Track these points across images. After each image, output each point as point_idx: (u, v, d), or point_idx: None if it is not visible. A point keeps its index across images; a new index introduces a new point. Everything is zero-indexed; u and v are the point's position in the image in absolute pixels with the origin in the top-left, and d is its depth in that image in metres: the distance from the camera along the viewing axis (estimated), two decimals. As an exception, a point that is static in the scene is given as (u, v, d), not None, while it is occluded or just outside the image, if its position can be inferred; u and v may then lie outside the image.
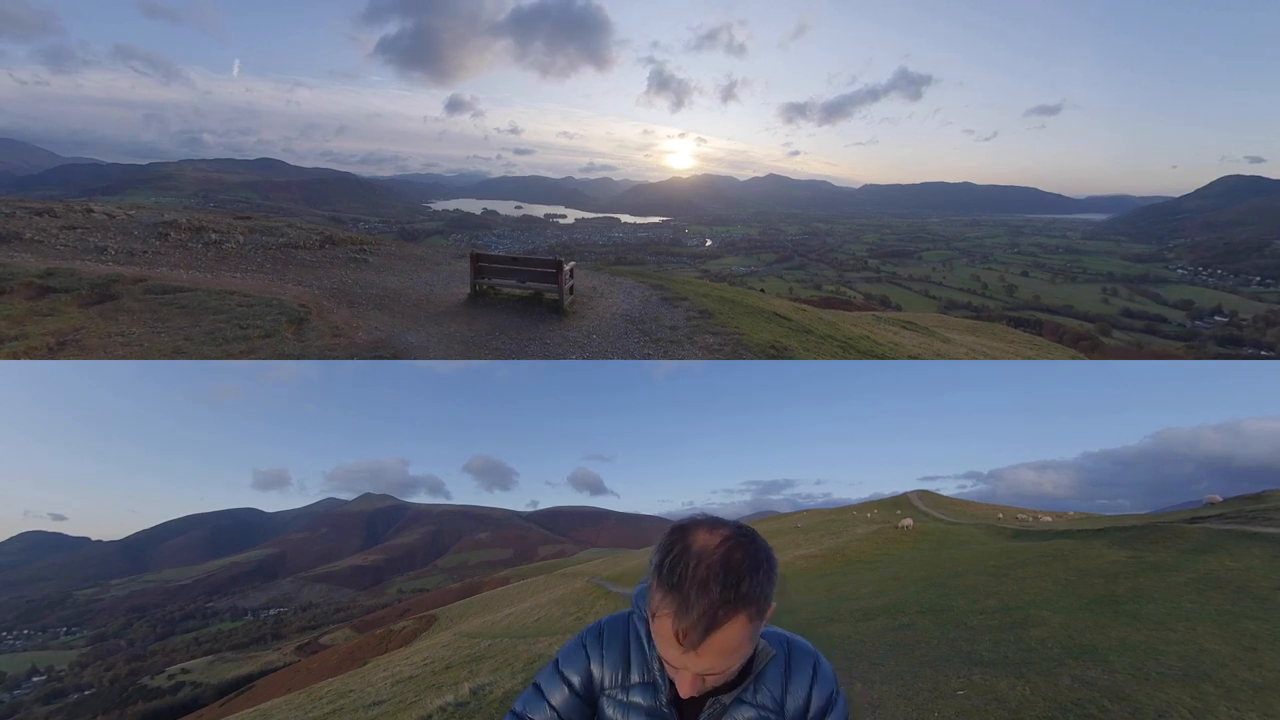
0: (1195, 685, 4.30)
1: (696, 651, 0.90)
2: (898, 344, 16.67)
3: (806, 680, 1.10)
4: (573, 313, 11.00)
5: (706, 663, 0.92)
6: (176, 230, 14.10)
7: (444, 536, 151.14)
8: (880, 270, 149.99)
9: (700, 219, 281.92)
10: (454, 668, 12.01)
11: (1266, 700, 3.99)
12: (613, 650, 1.15)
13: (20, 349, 7.05)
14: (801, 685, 1.10)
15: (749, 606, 0.90)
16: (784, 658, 1.12)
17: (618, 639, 1.16)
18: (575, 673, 1.16)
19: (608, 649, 1.16)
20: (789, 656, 1.13)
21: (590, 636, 1.19)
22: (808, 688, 1.10)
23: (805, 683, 1.10)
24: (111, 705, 48.13)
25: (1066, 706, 4.16)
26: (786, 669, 1.11)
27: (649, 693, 1.11)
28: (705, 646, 0.90)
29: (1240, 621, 5.71)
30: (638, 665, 1.13)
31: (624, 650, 1.15)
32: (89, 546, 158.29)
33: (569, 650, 1.19)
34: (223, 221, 15.96)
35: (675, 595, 0.90)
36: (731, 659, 0.93)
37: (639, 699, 1.11)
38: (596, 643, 1.17)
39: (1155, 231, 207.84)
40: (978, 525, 23.44)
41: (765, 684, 1.09)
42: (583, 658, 1.17)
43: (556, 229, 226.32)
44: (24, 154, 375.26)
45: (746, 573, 0.90)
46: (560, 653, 1.20)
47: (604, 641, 1.17)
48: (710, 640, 0.89)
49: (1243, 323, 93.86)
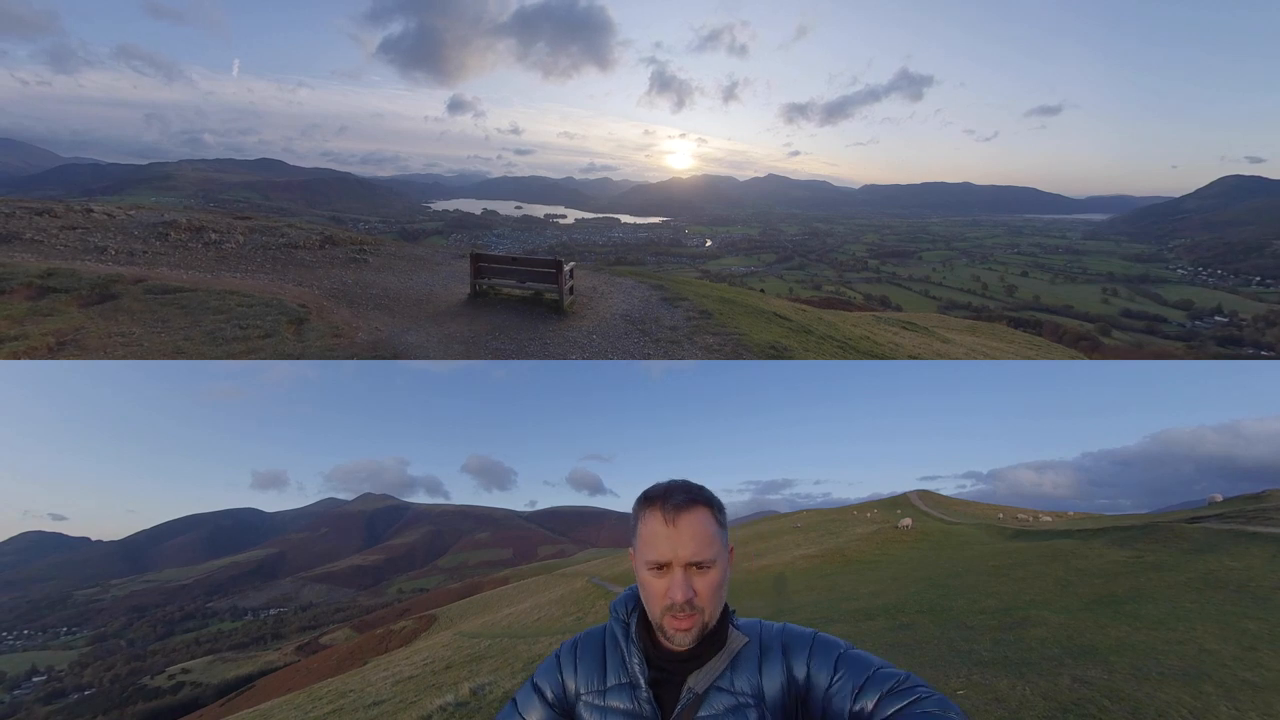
0: (1195, 685, 4.30)
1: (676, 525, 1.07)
2: (898, 344, 16.67)
3: (779, 658, 1.12)
4: (573, 313, 11.00)
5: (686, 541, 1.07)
6: (176, 230, 14.10)
7: (444, 536, 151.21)
8: (880, 270, 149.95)
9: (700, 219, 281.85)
10: (454, 668, 12.01)
11: (1266, 700, 3.98)
12: (587, 660, 1.20)
13: (20, 349, 7.04)
14: (776, 664, 1.12)
15: (711, 505, 1.12)
16: (757, 643, 1.16)
17: (593, 648, 1.22)
18: (549, 686, 1.20)
19: (582, 659, 1.21)
20: (760, 640, 1.16)
21: (565, 650, 1.24)
22: (782, 666, 1.12)
23: (778, 662, 1.12)
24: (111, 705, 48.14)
25: (1066, 706, 4.16)
26: (760, 653, 1.14)
27: (626, 693, 1.14)
28: (682, 520, 1.08)
29: (1240, 621, 5.71)
30: (614, 669, 1.17)
31: (599, 658, 1.20)
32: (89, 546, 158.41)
33: (544, 666, 1.24)
34: (223, 221, 15.96)
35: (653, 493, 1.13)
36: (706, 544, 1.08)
37: (616, 701, 1.14)
38: (570, 655, 1.22)
39: (1155, 231, 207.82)
40: (978, 525, 23.44)
41: (742, 671, 1.12)
42: (556, 671, 1.22)
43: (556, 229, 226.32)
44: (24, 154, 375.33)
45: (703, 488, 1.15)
46: (537, 669, 1.24)
47: (578, 653, 1.22)
48: (685, 515, 1.08)
49: (1243, 323, 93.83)
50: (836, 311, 25.53)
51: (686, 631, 1.08)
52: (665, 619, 1.09)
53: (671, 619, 1.08)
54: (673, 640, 1.10)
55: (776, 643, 1.15)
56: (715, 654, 1.13)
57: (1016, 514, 30.55)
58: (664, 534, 1.08)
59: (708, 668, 1.12)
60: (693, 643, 1.10)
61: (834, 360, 11.49)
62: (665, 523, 1.09)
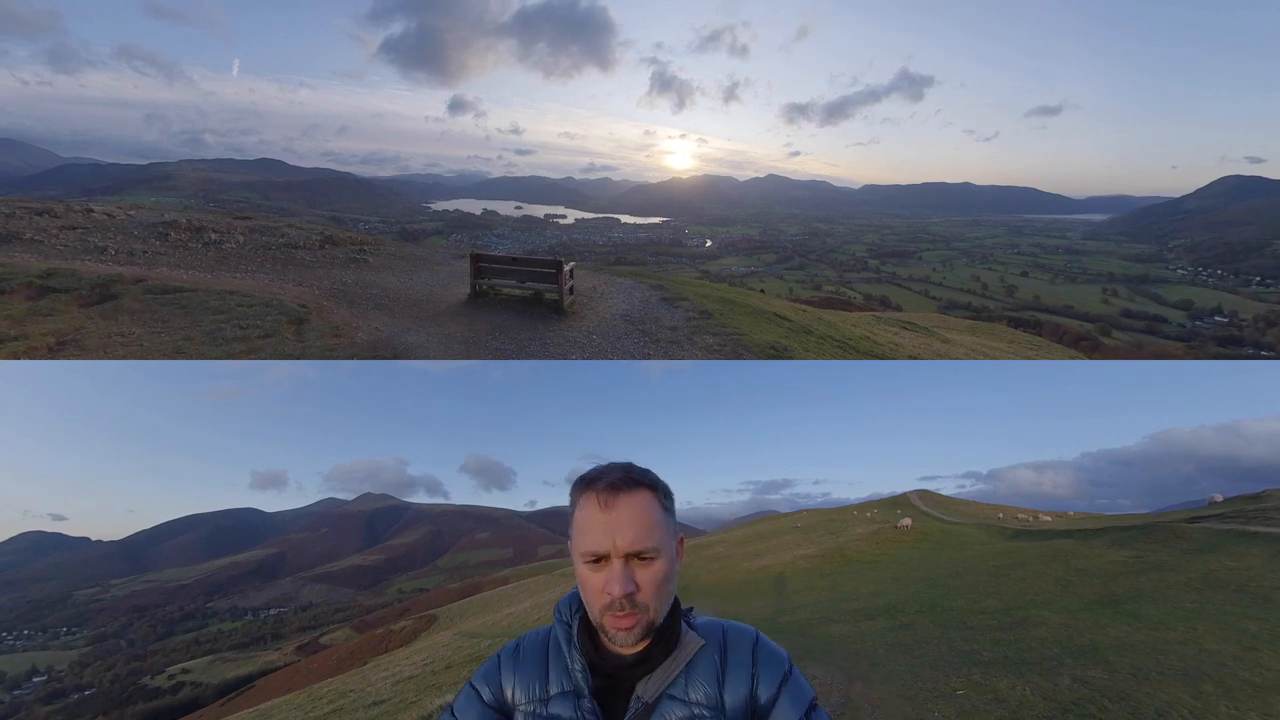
0: (1195, 685, 4.30)
1: (613, 510, 0.96)
2: (898, 344, 16.67)
3: (746, 669, 1.01)
4: (573, 313, 11.00)
5: (625, 526, 0.96)
6: (176, 230, 14.10)
7: (444, 536, 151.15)
8: (880, 270, 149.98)
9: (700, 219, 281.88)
10: (454, 668, 12.00)
11: (1266, 700, 3.98)
12: (528, 665, 1.09)
13: (20, 349, 7.04)
14: (742, 676, 1.01)
15: (654, 488, 1.01)
16: (718, 647, 1.04)
17: (535, 653, 1.10)
18: (489, 689, 1.09)
19: (521, 665, 1.09)
20: (724, 645, 1.04)
21: (506, 653, 1.13)
22: (748, 678, 1.01)
23: (745, 672, 1.01)
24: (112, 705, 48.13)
25: (1066, 706, 4.16)
26: (722, 659, 1.03)
27: (570, 702, 1.02)
28: (619, 504, 0.97)
29: (1240, 621, 5.71)
30: (557, 675, 1.06)
31: (541, 663, 1.08)
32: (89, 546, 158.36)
33: (485, 668, 1.12)
34: (223, 221, 15.96)
35: (589, 475, 1.02)
36: (647, 532, 0.97)
37: (559, 710, 1.02)
38: (511, 659, 1.11)
39: (1155, 232, 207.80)
40: (978, 525, 23.42)
41: (698, 678, 1.00)
42: (496, 674, 1.10)
43: (556, 229, 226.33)
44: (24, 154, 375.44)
45: (647, 470, 1.05)
46: (477, 671, 1.13)
47: (519, 657, 1.10)
48: (622, 498, 0.97)
49: (1243, 323, 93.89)
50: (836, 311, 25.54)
51: (629, 631, 0.96)
52: (605, 617, 0.97)
53: (612, 617, 0.96)
54: (615, 640, 0.99)
55: (746, 654, 1.03)
56: (666, 657, 1.01)
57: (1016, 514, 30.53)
58: (599, 520, 0.96)
59: (659, 673, 1.00)
60: (636, 642, 0.98)
61: (834, 360, 11.49)
62: (601, 507, 0.97)
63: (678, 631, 1.04)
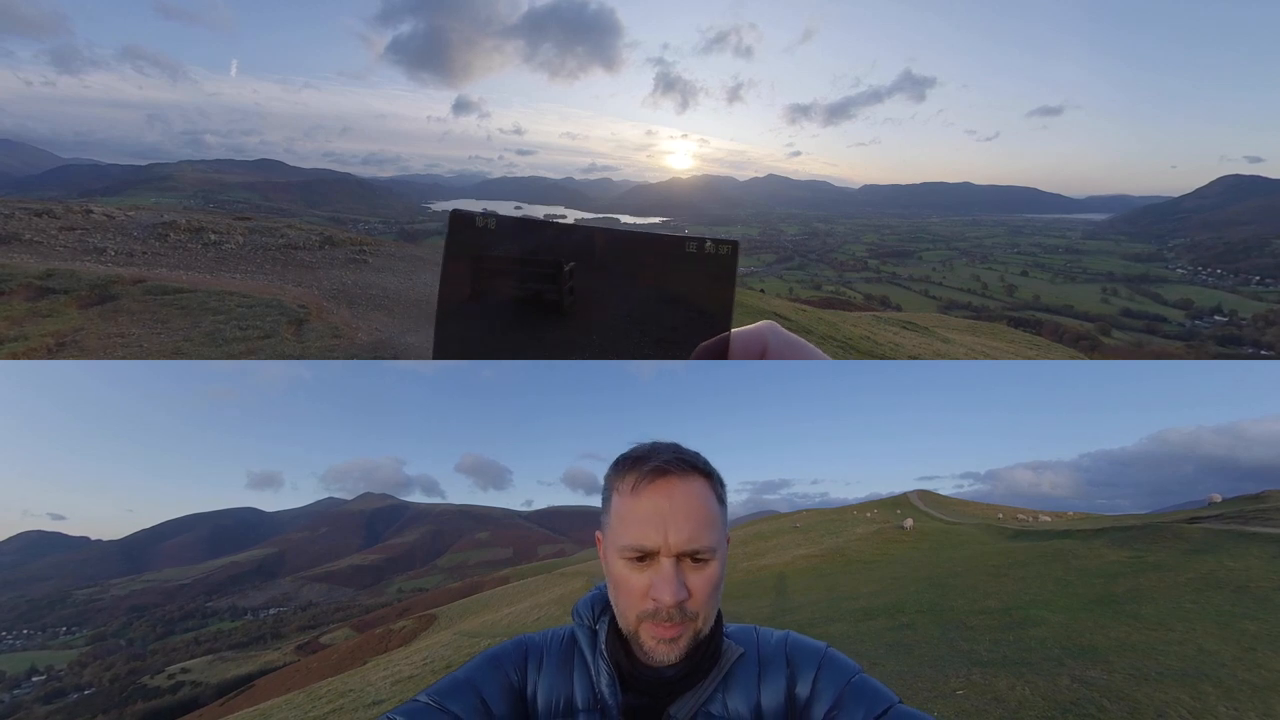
0: (1194, 685, 4.30)
1: (667, 496, 0.78)
2: (898, 344, 16.68)
3: (781, 675, 0.86)
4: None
5: (680, 520, 0.77)
6: (176, 231, 14.10)
7: (444, 536, 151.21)
8: (880, 270, 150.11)
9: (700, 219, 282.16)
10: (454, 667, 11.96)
11: (1266, 700, 3.99)
12: (553, 669, 0.90)
13: (20, 349, 7.05)
14: (778, 682, 0.86)
15: (709, 475, 0.83)
16: (754, 656, 0.88)
17: (560, 657, 0.91)
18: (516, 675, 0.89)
19: (548, 667, 0.90)
20: (759, 653, 0.89)
21: (533, 648, 0.93)
22: (785, 684, 0.85)
23: (781, 678, 0.86)
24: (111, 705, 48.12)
25: (1066, 706, 4.17)
26: (759, 668, 0.87)
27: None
28: (672, 490, 0.78)
29: (1240, 622, 5.71)
30: (582, 690, 0.87)
31: (566, 670, 0.89)
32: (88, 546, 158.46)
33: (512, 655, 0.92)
34: (222, 222, 15.96)
35: (635, 454, 0.84)
36: (704, 527, 0.78)
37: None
38: (538, 658, 0.91)
39: (1155, 231, 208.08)
40: (977, 525, 23.43)
41: (737, 688, 0.85)
42: (523, 665, 0.91)
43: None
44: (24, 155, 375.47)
45: (699, 454, 0.86)
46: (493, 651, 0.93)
47: (547, 657, 0.91)
48: (677, 484, 0.79)
49: (1243, 322, 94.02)
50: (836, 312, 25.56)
51: (672, 644, 0.77)
52: (644, 626, 0.78)
53: (653, 626, 0.77)
54: (652, 655, 0.78)
55: (780, 654, 0.88)
56: (708, 673, 0.83)
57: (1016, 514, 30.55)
58: (648, 510, 0.78)
59: (694, 690, 0.83)
60: (679, 658, 0.78)
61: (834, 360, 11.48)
62: (651, 494, 0.78)
63: (719, 642, 0.86)
